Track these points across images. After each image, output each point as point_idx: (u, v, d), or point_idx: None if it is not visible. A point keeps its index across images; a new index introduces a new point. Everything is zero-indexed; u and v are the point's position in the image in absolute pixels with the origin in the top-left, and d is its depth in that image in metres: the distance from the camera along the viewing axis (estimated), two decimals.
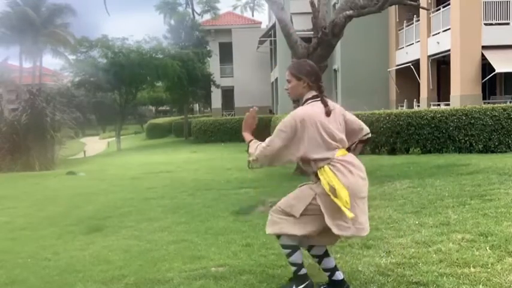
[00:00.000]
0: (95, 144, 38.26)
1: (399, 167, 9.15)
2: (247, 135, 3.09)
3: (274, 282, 3.30)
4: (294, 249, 3.01)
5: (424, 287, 3.05)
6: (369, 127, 3.27)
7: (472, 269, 3.25)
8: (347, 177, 2.86)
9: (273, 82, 32.90)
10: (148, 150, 25.82)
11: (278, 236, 3.03)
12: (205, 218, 5.83)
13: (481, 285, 2.99)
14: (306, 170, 3.06)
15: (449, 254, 3.60)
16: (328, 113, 2.95)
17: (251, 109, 3.12)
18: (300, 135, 2.87)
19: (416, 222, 4.68)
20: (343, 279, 3.07)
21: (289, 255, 3.02)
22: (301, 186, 3.09)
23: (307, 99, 3.01)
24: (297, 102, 3.23)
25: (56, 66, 59.90)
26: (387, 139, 11.82)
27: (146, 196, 7.93)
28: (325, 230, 2.92)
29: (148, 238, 5.00)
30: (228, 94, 36.52)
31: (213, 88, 33.97)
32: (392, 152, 11.82)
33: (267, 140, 2.93)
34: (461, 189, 6.26)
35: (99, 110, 39.54)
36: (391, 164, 9.77)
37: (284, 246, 3.04)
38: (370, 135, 3.22)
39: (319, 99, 2.99)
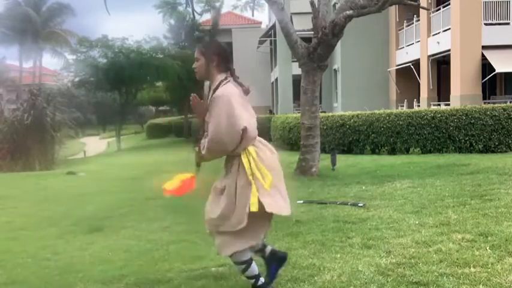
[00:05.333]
0: (95, 144, 38.22)
1: (399, 167, 9.15)
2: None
3: (274, 282, 3.30)
4: (249, 263, 2.94)
5: (424, 287, 3.05)
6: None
7: (472, 269, 3.25)
8: (267, 155, 2.89)
9: (273, 82, 32.87)
10: (149, 150, 25.80)
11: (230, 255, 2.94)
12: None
13: (481, 285, 2.99)
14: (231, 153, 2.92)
15: (450, 254, 3.60)
16: (246, 92, 2.97)
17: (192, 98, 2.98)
18: (237, 110, 2.80)
19: (417, 222, 4.68)
20: (273, 248, 3.14)
21: (244, 270, 2.96)
22: (214, 189, 3.05)
23: (221, 81, 2.94)
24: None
25: (56, 66, 59.88)
26: (387, 139, 11.81)
27: (146, 196, 7.92)
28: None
29: (149, 238, 5.00)
30: None
31: None
32: (393, 152, 11.81)
33: (209, 131, 2.85)
34: (462, 189, 6.26)
35: (99, 110, 39.56)
36: (391, 164, 9.77)
37: (238, 263, 2.96)
38: None
39: (229, 80, 2.96)
